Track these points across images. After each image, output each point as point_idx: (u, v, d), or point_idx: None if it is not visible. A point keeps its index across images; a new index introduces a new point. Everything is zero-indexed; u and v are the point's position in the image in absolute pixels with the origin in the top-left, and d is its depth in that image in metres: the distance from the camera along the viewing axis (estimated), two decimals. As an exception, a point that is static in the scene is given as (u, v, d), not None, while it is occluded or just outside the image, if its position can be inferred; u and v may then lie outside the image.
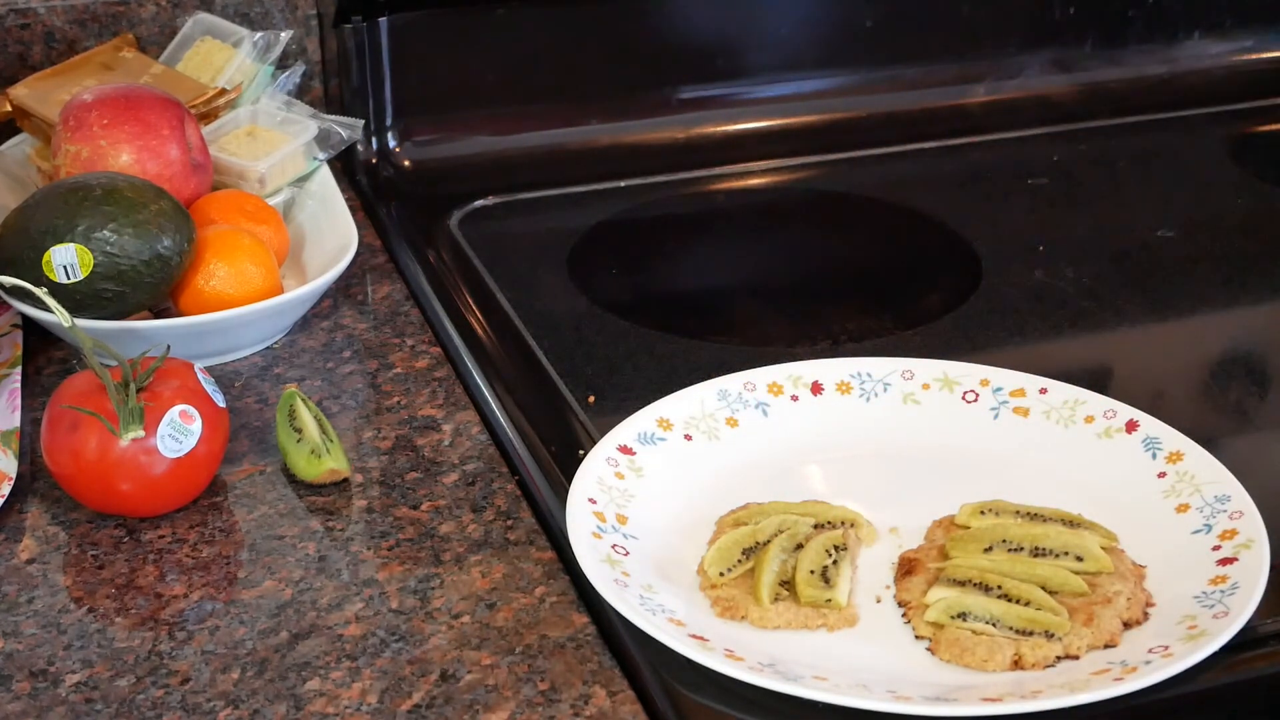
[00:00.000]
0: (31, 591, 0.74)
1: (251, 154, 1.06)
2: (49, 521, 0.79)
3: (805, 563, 0.72)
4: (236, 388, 0.91)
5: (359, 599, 0.73)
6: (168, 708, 0.66)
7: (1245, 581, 0.69)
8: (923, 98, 1.32)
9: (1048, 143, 1.30)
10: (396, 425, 0.87)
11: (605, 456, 0.79)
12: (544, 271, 1.08)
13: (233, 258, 0.94)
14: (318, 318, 0.99)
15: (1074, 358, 0.79)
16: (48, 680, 0.68)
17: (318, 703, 0.66)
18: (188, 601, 0.73)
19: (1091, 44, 1.37)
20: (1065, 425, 0.83)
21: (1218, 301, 1.06)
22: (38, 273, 0.88)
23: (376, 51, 1.18)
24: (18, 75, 1.12)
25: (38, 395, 0.90)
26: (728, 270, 1.14)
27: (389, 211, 1.15)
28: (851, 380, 0.86)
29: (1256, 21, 1.41)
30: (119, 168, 0.95)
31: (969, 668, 0.68)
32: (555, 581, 0.74)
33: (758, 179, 1.25)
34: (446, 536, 0.77)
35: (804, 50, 1.30)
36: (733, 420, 0.84)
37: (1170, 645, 0.67)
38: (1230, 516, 0.74)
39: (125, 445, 0.76)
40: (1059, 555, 0.73)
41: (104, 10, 1.15)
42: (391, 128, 1.21)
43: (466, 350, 0.95)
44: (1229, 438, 0.89)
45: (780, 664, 0.67)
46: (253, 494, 0.81)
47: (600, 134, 1.25)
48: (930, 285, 1.10)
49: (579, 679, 0.68)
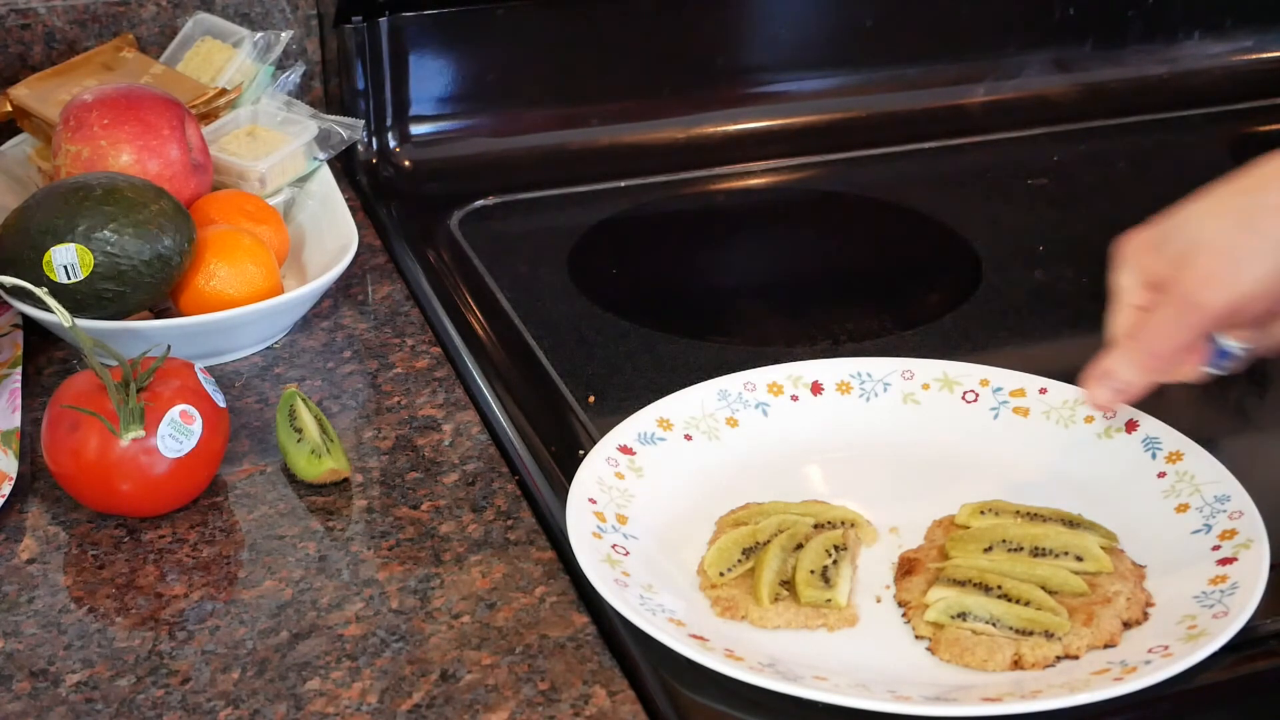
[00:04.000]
0: (32, 591, 0.74)
1: (252, 154, 1.06)
2: (49, 521, 0.79)
3: (805, 563, 0.72)
4: (236, 388, 0.91)
5: (359, 599, 0.73)
6: (168, 707, 0.66)
7: (1245, 581, 0.69)
8: (923, 98, 1.32)
9: (1048, 143, 1.30)
10: (396, 425, 0.87)
11: (605, 456, 0.79)
12: (544, 271, 1.08)
13: (233, 258, 0.94)
14: (318, 318, 0.99)
15: (1074, 358, 0.79)
16: (48, 680, 0.68)
17: (318, 702, 0.66)
18: (188, 601, 0.73)
19: (1091, 44, 1.37)
20: (1065, 425, 0.83)
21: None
22: (38, 273, 0.88)
23: (376, 51, 1.18)
24: (18, 75, 1.12)
25: (38, 395, 0.90)
26: (728, 270, 1.14)
27: (389, 211, 1.15)
28: (851, 380, 0.86)
29: (1256, 21, 1.41)
30: (119, 168, 0.95)
31: (969, 668, 0.68)
32: (555, 581, 0.74)
33: (758, 179, 1.25)
34: (446, 536, 0.77)
35: (804, 50, 1.30)
36: (733, 420, 0.84)
37: (1170, 645, 0.67)
38: (1230, 516, 0.74)
39: (125, 445, 0.76)
40: (1059, 555, 0.73)
41: (104, 10, 1.15)
42: (391, 128, 1.21)
43: (466, 350, 0.95)
44: (1229, 438, 0.89)
45: (780, 664, 0.67)
46: (253, 494, 0.81)
47: (600, 134, 1.25)
48: (930, 285, 1.10)
49: (579, 679, 0.68)
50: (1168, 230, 0.75)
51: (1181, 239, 0.73)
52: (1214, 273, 0.72)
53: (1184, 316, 0.73)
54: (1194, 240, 0.73)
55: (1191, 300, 0.72)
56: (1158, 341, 0.74)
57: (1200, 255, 0.72)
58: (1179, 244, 0.73)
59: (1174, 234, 0.74)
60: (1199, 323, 0.73)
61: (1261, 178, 0.73)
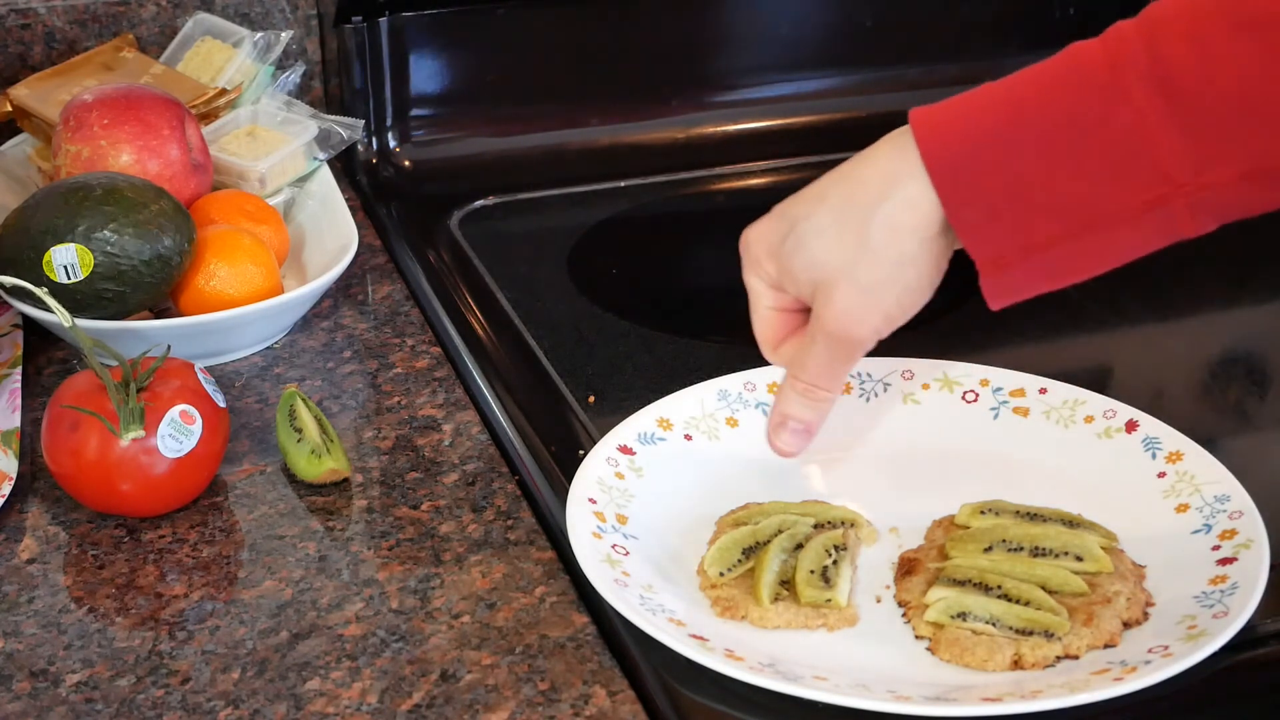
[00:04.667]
0: (32, 591, 0.74)
1: (252, 154, 1.06)
2: (49, 521, 0.79)
3: (805, 563, 0.72)
4: (236, 388, 0.91)
5: (359, 599, 0.73)
6: (168, 707, 0.66)
7: (1245, 581, 0.69)
8: (923, 98, 1.32)
9: (1048, 143, 1.30)
10: (396, 425, 0.87)
11: (605, 456, 0.79)
12: (544, 271, 1.08)
13: (233, 258, 0.94)
14: (318, 318, 0.99)
15: (1074, 358, 0.79)
16: (48, 680, 0.68)
17: (318, 703, 0.66)
18: (188, 601, 0.73)
19: (1091, 44, 1.37)
20: (1065, 425, 0.83)
21: (1218, 301, 1.06)
22: (38, 273, 0.88)
23: (376, 51, 1.18)
24: (18, 75, 1.13)
25: (38, 395, 0.90)
26: (728, 270, 1.14)
27: (389, 211, 1.15)
28: (851, 380, 0.86)
29: (1256, 21, 1.41)
30: (119, 168, 0.95)
31: (969, 668, 0.68)
32: (555, 581, 0.74)
33: (758, 179, 1.25)
34: (446, 536, 0.77)
35: (804, 50, 1.30)
36: (733, 420, 0.84)
37: (1170, 645, 0.67)
38: (1230, 516, 0.74)
39: (125, 445, 0.76)
40: (1059, 555, 0.73)
41: (104, 10, 1.15)
42: (391, 128, 1.21)
43: (466, 350, 0.95)
44: (1229, 438, 0.89)
45: (780, 664, 0.67)
46: (253, 494, 0.81)
47: (600, 134, 1.25)
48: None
49: (579, 679, 0.68)
50: (786, 238, 0.73)
51: (803, 258, 0.72)
52: (853, 308, 0.70)
53: (838, 350, 0.72)
54: (816, 262, 0.71)
55: (841, 336, 0.71)
56: (821, 378, 0.74)
57: (834, 287, 0.70)
58: (802, 264, 0.72)
59: (794, 250, 0.72)
60: (853, 353, 0.73)
61: (863, 185, 0.70)
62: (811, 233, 0.71)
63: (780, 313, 0.76)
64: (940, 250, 0.70)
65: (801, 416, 0.75)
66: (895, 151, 0.70)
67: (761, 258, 0.74)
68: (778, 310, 0.76)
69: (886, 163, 0.70)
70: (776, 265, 0.74)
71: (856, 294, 0.70)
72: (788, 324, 0.76)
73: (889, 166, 0.70)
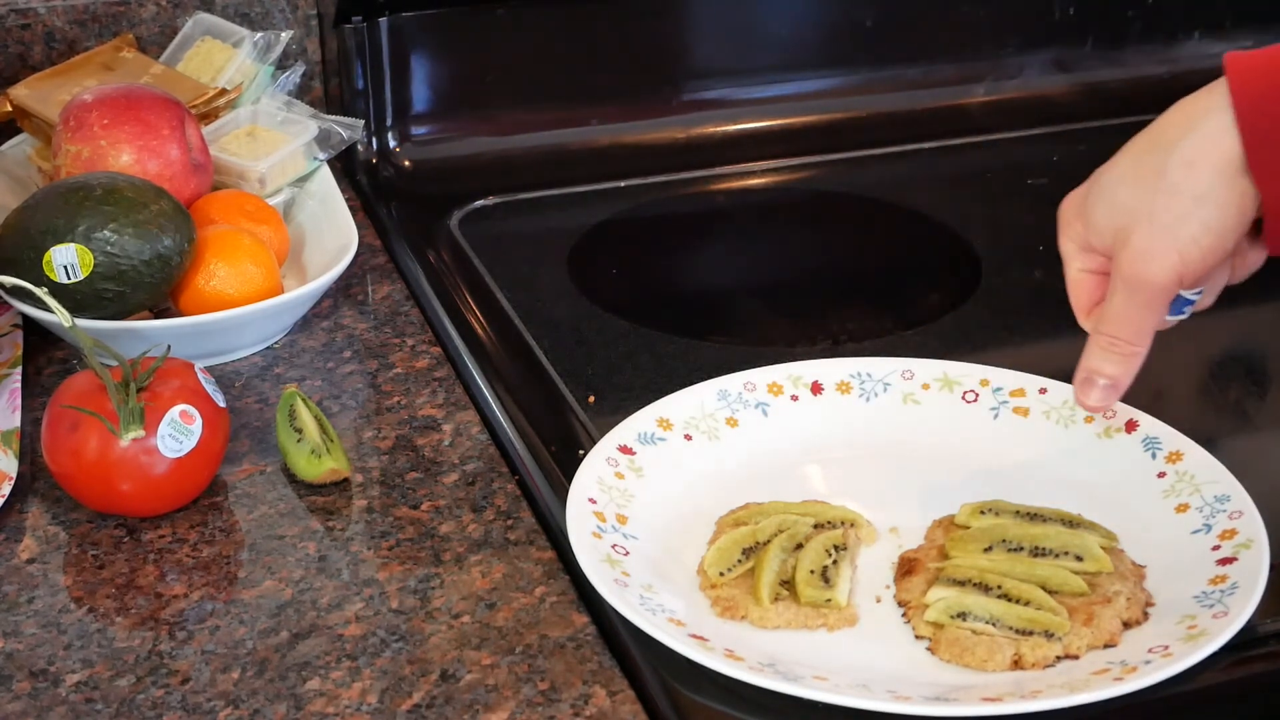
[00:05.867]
0: (32, 591, 0.74)
1: (252, 154, 1.06)
2: (49, 521, 0.79)
3: (805, 563, 0.72)
4: (236, 388, 0.91)
5: (359, 599, 0.73)
6: (168, 708, 0.66)
7: (1245, 581, 0.69)
8: (923, 98, 1.32)
9: (1048, 143, 1.30)
10: (396, 425, 0.87)
11: (605, 456, 0.79)
12: (544, 271, 1.08)
13: (233, 258, 0.94)
14: (318, 318, 0.99)
15: (1074, 358, 0.79)
16: (48, 680, 0.68)
17: (318, 702, 0.67)
18: (188, 601, 0.73)
19: (1091, 44, 1.37)
20: (1065, 425, 0.83)
21: (1218, 301, 1.06)
22: (38, 273, 0.88)
23: (376, 51, 1.18)
24: (18, 75, 1.12)
25: (38, 395, 0.90)
26: (728, 270, 1.14)
27: (389, 211, 1.15)
28: (851, 380, 0.86)
29: (1256, 21, 1.41)
30: (119, 168, 0.95)
31: (969, 668, 0.68)
32: (555, 581, 0.74)
33: (758, 179, 1.25)
34: (446, 536, 0.77)
35: (804, 50, 1.30)
36: (733, 420, 0.84)
37: (1170, 645, 0.67)
38: (1230, 516, 0.74)
39: (125, 445, 0.76)
40: (1059, 555, 0.73)
41: (104, 10, 1.15)
42: (391, 128, 1.21)
43: (466, 350, 0.95)
44: (1229, 438, 0.89)
45: (780, 664, 0.67)
46: (253, 494, 0.81)
47: (600, 134, 1.25)
48: (930, 285, 1.10)
49: (579, 679, 0.68)
50: (1090, 195, 0.73)
51: (1104, 206, 0.72)
52: (1149, 248, 0.69)
53: (1137, 296, 0.71)
54: (1117, 207, 0.71)
55: (1138, 280, 0.70)
56: (1123, 328, 0.73)
57: (1131, 229, 0.70)
58: (1103, 212, 0.72)
59: (1095, 200, 0.72)
60: (1153, 299, 0.71)
61: (1166, 128, 0.70)
62: (1113, 181, 0.71)
63: (1091, 275, 0.75)
64: (1242, 193, 0.68)
65: (1105, 371, 0.74)
66: (1204, 93, 0.69)
67: (1070, 218, 0.74)
68: (1089, 273, 0.75)
69: (1191, 104, 0.70)
70: (1083, 221, 0.73)
71: (1153, 232, 0.69)
72: (1100, 287, 0.75)
73: (1194, 106, 0.69)
